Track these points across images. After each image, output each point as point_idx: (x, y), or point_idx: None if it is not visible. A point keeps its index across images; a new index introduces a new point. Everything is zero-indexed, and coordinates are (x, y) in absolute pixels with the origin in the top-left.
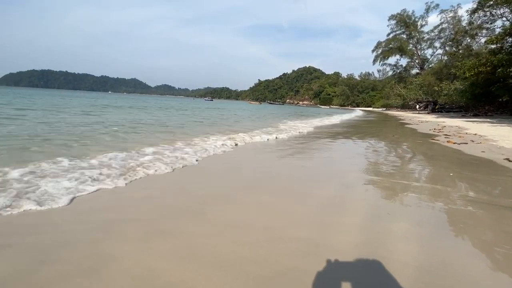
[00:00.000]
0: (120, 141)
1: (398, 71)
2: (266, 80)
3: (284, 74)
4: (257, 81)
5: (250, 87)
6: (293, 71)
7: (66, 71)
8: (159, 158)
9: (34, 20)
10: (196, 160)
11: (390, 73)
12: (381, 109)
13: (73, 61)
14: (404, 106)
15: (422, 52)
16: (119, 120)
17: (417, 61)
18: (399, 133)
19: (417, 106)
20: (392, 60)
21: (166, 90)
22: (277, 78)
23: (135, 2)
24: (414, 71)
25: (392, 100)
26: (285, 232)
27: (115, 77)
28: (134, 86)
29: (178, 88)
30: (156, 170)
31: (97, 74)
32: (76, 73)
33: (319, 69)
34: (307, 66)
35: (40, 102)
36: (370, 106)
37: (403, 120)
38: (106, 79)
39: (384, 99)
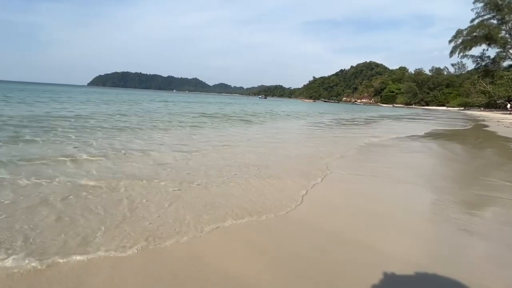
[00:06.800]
0: None
1: (484, 63)
2: (321, 77)
3: (341, 71)
4: (311, 78)
5: (304, 85)
6: (352, 67)
7: (140, 72)
8: None
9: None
10: None
11: (472, 66)
12: (457, 108)
13: (145, 63)
14: (490, 105)
15: None
16: None
17: (511, 50)
18: (482, 136)
19: (509, 106)
20: (476, 50)
21: (222, 88)
22: (333, 75)
23: (197, 7)
24: (506, 63)
25: (473, 98)
26: None
27: (179, 77)
28: (195, 85)
29: (234, 86)
30: None
31: (164, 74)
32: (148, 74)
33: (381, 64)
34: (368, 62)
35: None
36: (443, 105)
37: (483, 121)
38: (172, 79)
39: (462, 97)
